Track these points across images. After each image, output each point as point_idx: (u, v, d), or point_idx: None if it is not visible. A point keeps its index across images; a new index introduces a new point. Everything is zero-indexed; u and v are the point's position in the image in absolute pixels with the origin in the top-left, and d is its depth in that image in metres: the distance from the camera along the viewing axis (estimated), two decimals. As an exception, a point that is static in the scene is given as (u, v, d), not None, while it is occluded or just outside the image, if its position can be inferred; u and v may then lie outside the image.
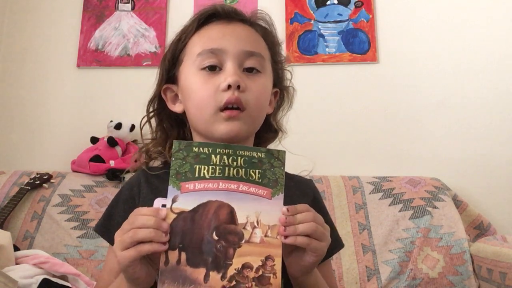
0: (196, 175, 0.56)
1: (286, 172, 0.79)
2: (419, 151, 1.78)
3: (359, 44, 1.89)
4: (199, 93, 0.70)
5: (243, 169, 0.57)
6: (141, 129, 0.81)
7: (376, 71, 1.87)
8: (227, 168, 0.57)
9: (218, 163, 0.57)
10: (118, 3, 2.06)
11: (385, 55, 1.88)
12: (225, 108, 0.69)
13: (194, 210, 0.55)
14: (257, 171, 0.57)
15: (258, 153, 0.58)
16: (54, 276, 1.18)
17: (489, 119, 1.77)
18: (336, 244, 0.78)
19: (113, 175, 1.64)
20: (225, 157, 0.57)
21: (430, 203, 1.50)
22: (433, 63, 1.85)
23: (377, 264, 1.41)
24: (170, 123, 0.80)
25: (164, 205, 0.56)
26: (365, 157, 1.80)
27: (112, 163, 1.67)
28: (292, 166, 0.80)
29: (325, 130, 1.84)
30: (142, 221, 0.54)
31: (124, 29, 2.03)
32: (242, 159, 0.57)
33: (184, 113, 0.76)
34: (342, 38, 1.91)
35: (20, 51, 2.06)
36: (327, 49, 1.91)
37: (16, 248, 1.29)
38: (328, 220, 0.78)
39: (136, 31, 2.02)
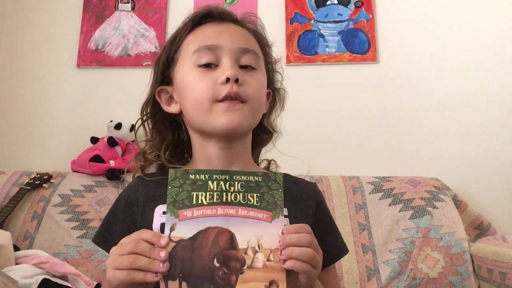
0: (194, 202, 0.55)
1: (289, 175, 0.78)
2: (419, 151, 1.78)
3: (359, 44, 1.89)
4: (196, 88, 0.70)
5: (241, 194, 0.56)
6: (135, 132, 0.80)
7: (376, 71, 1.87)
8: (224, 194, 0.55)
9: (215, 189, 0.56)
10: (118, 3, 2.06)
11: (385, 55, 1.88)
12: (224, 99, 0.68)
13: (193, 238, 0.53)
14: (255, 195, 0.56)
15: (255, 177, 0.57)
16: (54, 276, 1.18)
17: (489, 119, 1.77)
18: (341, 249, 0.77)
19: (113, 175, 1.64)
20: (222, 182, 0.56)
21: (430, 203, 1.50)
22: (433, 63, 1.85)
23: (377, 264, 1.41)
24: (165, 126, 0.79)
25: (164, 212, 0.54)
26: (365, 157, 1.80)
27: (112, 163, 1.67)
28: (287, 168, 0.80)
29: (324, 130, 1.84)
30: (144, 247, 0.53)
31: (124, 29, 2.03)
32: (239, 184, 0.56)
33: (180, 114, 0.76)
34: (342, 38, 1.91)
35: (20, 51, 2.06)
36: (327, 49, 1.91)
37: (16, 248, 1.29)
38: (332, 225, 0.78)
39: (136, 31, 2.02)
